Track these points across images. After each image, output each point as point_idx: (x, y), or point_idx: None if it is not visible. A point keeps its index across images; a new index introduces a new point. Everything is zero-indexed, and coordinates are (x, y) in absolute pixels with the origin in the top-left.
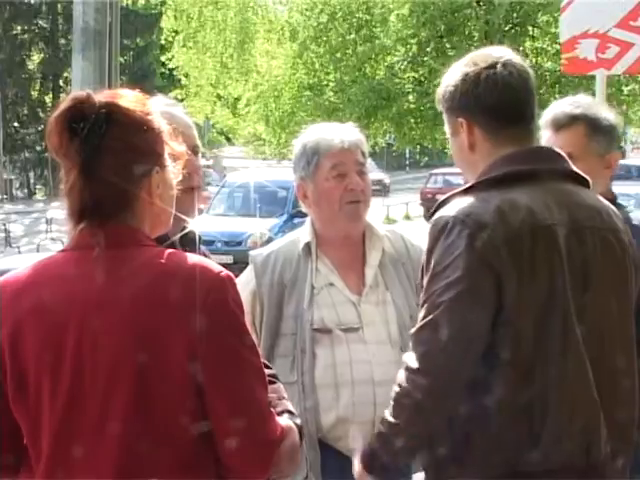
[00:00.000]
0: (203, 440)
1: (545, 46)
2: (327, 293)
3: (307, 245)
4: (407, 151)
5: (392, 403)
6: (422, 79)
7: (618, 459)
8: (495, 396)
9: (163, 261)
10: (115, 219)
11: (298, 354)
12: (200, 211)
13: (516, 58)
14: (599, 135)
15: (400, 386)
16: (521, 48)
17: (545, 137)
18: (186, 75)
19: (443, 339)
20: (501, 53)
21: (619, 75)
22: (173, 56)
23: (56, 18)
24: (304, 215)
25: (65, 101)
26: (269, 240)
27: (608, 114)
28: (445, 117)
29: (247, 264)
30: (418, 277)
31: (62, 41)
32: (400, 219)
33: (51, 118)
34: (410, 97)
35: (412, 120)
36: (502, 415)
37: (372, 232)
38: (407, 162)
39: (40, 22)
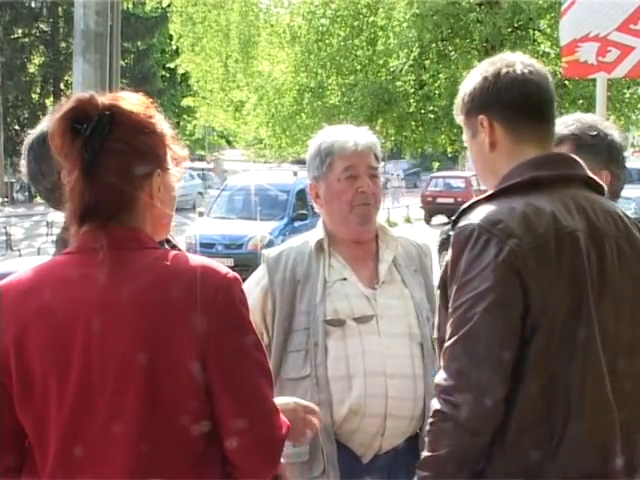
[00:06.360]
0: (211, 439)
1: (547, 50)
2: (340, 286)
3: (319, 242)
4: (408, 154)
5: (428, 437)
6: (424, 82)
7: (633, 472)
8: (516, 404)
9: (168, 263)
10: (117, 221)
11: (311, 347)
12: (201, 214)
13: (533, 61)
14: (586, 154)
15: (435, 412)
16: (523, 51)
17: None
18: (197, 81)
19: (478, 353)
20: (518, 56)
21: (621, 78)
22: (182, 62)
23: (57, 21)
24: (305, 218)
25: (68, 102)
26: (270, 243)
27: (601, 132)
28: (464, 122)
29: (248, 267)
30: (433, 284)
31: (63, 44)
32: (401, 222)
33: (54, 118)
34: (411, 100)
35: (413, 123)
36: (522, 423)
37: (385, 233)
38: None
39: (41, 25)
